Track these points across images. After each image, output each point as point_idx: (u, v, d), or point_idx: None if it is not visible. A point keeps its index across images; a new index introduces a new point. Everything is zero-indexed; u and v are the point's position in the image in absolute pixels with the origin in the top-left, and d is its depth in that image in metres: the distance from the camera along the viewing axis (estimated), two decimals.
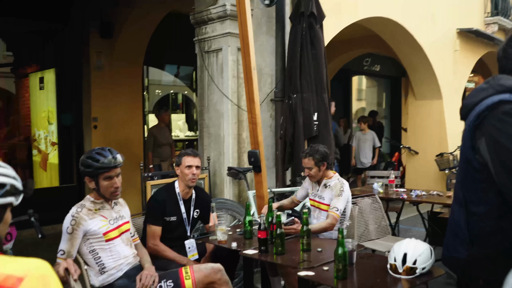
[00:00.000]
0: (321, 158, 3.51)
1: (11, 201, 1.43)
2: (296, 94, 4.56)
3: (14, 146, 7.97)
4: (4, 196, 1.40)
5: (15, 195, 1.45)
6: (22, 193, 1.49)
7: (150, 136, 6.56)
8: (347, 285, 2.27)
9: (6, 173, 1.44)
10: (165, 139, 6.64)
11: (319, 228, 3.35)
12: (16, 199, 1.46)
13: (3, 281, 1.33)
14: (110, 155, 2.69)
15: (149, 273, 2.71)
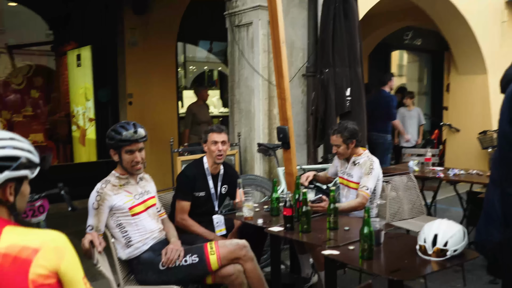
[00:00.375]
0: (349, 135, 3.40)
1: (26, 174, 1.45)
2: (328, 69, 4.42)
3: (56, 122, 8.21)
4: (18, 169, 1.41)
5: (30, 168, 1.46)
6: (38, 166, 1.50)
7: (189, 113, 6.52)
8: (372, 266, 2.20)
9: (20, 146, 1.45)
10: (204, 116, 6.59)
11: (348, 207, 3.27)
12: (31, 172, 1.47)
13: (19, 252, 1.35)
14: (132, 128, 2.69)
15: (175, 247, 2.73)
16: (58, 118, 8.22)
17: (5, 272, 1.33)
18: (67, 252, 1.41)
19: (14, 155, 1.41)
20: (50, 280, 1.36)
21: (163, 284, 2.68)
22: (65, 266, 1.38)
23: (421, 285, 3.69)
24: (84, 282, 1.43)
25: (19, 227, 1.45)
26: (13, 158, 1.41)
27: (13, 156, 1.41)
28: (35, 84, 7.67)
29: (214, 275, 2.73)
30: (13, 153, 1.41)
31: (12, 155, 1.41)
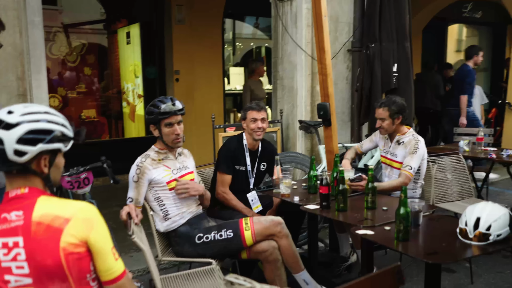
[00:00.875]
0: (397, 110, 3.27)
1: (59, 147, 1.49)
2: (375, 44, 4.25)
3: (108, 99, 8.50)
4: (52, 142, 1.46)
5: (64, 141, 1.50)
6: (71, 140, 1.55)
7: (246, 90, 6.39)
8: (408, 248, 2.12)
9: (54, 120, 1.49)
10: (261, 92, 6.51)
11: (390, 186, 3.18)
12: (64, 145, 1.51)
13: (52, 221, 1.41)
14: (170, 102, 2.72)
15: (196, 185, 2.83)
16: (110, 94, 8.50)
17: (39, 240, 1.39)
18: (96, 223, 1.45)
19: (48, 129, 1.46)
20: (80, 249, 1.41)
21: (199, 257, 2.74)
22: (94, 236, 1.43)
23: (466, 270, 3.55)
24: (113, 252, 1.47)
25: (53, 197, 1.51)
26: (47, 131, 1.45)
27: (47, 129, 1.45)
28: (88, 62, 7.95)
29: (248, 250, 2.75)
30: (47, 127, 1.46)
31: (46, 128, 1.45)
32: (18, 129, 1.40)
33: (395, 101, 3.31)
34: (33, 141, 1.42)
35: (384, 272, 1.49)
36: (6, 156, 1.40)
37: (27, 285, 1.40)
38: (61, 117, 1.54)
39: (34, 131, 1.42)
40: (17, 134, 1.40)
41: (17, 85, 3.16)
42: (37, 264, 1.39)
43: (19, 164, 1.42)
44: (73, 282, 1.42)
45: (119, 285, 1.47)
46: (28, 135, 1.41)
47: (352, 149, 3.71)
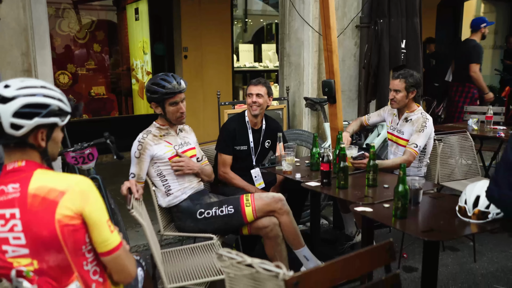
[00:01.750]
0: (414, 83, 3.25)
1: (56, 121, 1.50)
2: (383, 19, 4.16)
3: (117, 76, 8.51)
4: (48, 116, 1.47)
5: (61, 116, 1.51)
6: (68, 115, 1.56)
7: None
8: (405, 225, 2.12)
9: (51, 95, 1.50)
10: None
11: (393, 164, 3.16)
12: (61, 119, 1.52)
13: (47, 193, 1.43)
14: (174, 80, 2.71)
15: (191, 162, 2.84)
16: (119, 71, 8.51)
17: (34, 211, 1.42)
18: (91, 196, 1.48)
19: (44, 103, 1.47)
20: (75, 221, 1.44)
21: (200, 232, 2.78)
22: (89, 208, 1.45)
23: (470, 249, 3.54)
24: (108, 224, 1.49)
25: (49, 171, 1.53)
26: (43, 106, 1.46)
27: (44, 104, 1.46)
28: (98, 38, 7.93)
29: (249, 226, 2.77)
30: (44, 101, 1.47)
31: (42, 103, 1.46)
32: (14, 103, 1.42)
33: (412, 74, 3.28)
34: (29, 115, 1.43)
35: (377, 247, 1.49)
36: (3, 129, 1.42)
37: (24, 256, 1.44)
38: (58, 91, 1.55)
39: (30, 105, 1.43)
40: (13, 108, 1.41)
41: (22, 61, 3.18)
42: (33, 235, 1.42)
43: (16, 138, 1.44)
44: (69, 253, 1.45)
45: (114, 256, 1.50)
46: (24, 109, 1.42)
47: (357, 121, 3.69)
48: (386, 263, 1.53)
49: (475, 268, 3.34)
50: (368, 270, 1.48)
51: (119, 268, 1.52)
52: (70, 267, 1.48)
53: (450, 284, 3.11)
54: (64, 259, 1.46)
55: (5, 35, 3.12)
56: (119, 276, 1.53)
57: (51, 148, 1.55)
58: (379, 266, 1.52)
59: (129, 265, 1.55)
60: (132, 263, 1.57)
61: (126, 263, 1.53)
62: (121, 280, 1.56)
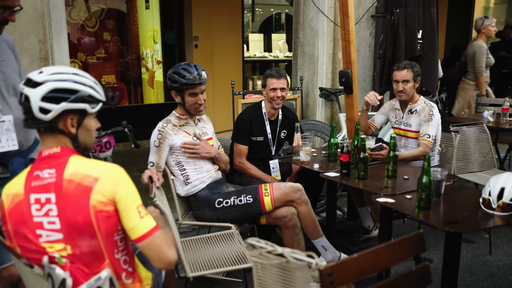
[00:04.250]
0: (418, 72, 3.25)
1: (84, 107, 1.50)
2: (400, 9, 4.12)
3: (127, 64, 8.50)
4: (76, 101, 1.47)
5: (90, 103, 1.51)
6: (100, 103, 1.55)
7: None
8: (428, 216, 2.11)
9: (81, 81, 1.50)
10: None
11: (410, 155, 3.14)
12: (91, 107, 1.52)
13: (82, 179, 1.45)
14: (195, 71, 2.70)
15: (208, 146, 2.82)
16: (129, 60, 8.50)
17: (70, 196, 1.43)
18: (122, 182, 1.48)
19: (73, 88, 1.47)
20: (108, 208, 1.45)
21: (218, 221, 2.78)
22: (120, 194, 1.46)
23: (485, 241, 3.54)
24: (138, 210, 1.48)
25: (83, 157, 1.54)
26: (71, 91, 1.47)
27: (72, 89, 1.47)
28: (108, 27, 7.91)
29: (268, 216, 2.78)
30: (72, 86, 1.47)
31: (71, 88, 1.47)
32: (43, 87, 1.44)
33: (415, 64, 3.28)
34: (57, 100, 1.44)
35: (406, 239, 1.49)
36: (33, 113, 1.44)
37: (58, 240, 1.45)
38: (91, 79, 1.55)
39: (58, 90, 1.45)
40: (41, 92, 1.43)
41: (39, 48, 3.17)
42: (68, 220, 1.43)
43: (46, 122, 1.46)
44: (102, 239, 1.46)
45: (146, 243, 1.48)
46: (52, 93, 1.44)
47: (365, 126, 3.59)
48: (416, 254, 1.52)
49: (490, 260, 3.34)
50: (399, 261, 1.47)
51: (155, 255, 1.49)
52: (102, 254, 1.49)
53: (466, 276, 3.11)
54: (97, 245, 1.47)
55: (22, 22, 3.11)
56: (156, 262, 1.50)
57: (83, 136, 1.55)
58: (409, 257, 1.52)
59: (166, 251, 1.50)
60: (171, 248, 1.52)
61: (162, 249, 1.49)
62: (160, 266, 1.52)
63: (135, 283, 1.62)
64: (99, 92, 1.55)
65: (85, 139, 1.57)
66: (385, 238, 2.52)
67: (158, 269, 1.63)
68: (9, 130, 1.96)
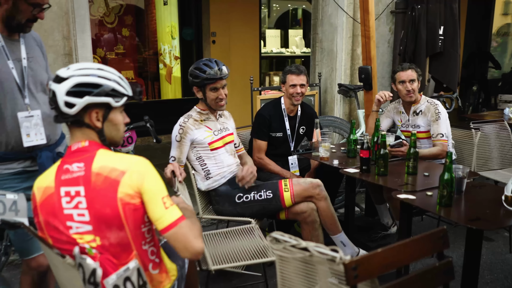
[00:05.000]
0: (420, 72, 3.28)
1: (108, 101, 1.53)
2: (421, 5, 4.08)
3: (145, 60, 8.57)
4: (99, 95, 1.51)
5: (114, 97, 1.54)
6: (124, 97, 1.59)
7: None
8: (450, 213, 2.11)
9: (105, 76, 1.54)
10: None
11: (429, 153, 3.13)
12: (115, 100, 1.54)
13: (109, 172, 1.48)
14: (216, 66, 2.73)
15: (250, 168, 2.79)
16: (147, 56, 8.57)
17: (98, 190, 1.47)
18: (148, 174, 1.51)
19: (96, 83, 1.51)
20: (135, 200, 1.48)
21: (238, 216, 2.81)
22: (146, 186, 1.49)
23: (505, 239, 3.51)
24: (163, 201, 1.50)
25: (110, 151, 1.57)
26: (95, 85, 1.51)
27: (95, 83, 1.51)
28: (126, 23, 7.98)
29: (287, 211, 2.80)
30: (96, 81, 1.51)
31: (94, 82, 1.51)
32: (68, 82, 1.49)
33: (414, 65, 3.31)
34: (80, 94, 1.48)
35: (430, 235, 1.50)
36: (59, 107, 1.49)
37: (87, 232, 1.49)
38: (116, 74, 1.59)
39: (82, 84, 1.49)
40: (66, 87, 1.48)
41: (63, 44, 3.24)
42: (96, 212, 1.47)
43: (72, 116, 1.51)
44: (129, 231, 1.50)
45: (171, 233, 1.49)
46: (76, 87, 1.48)
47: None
48: (440, 250, 1.53)
49: (510, 258, 3.31)
50: (423, 257, 1.49)
51: (181, 245, 1.50)
52: (130, 245, 1.53)
53: (485, 274, 3.09)
54: (125, 237, 1.50)
55: (47, 18, 3.17)
56: (183, 252, 1.51)
57: (109, 130, 1.58)
58: (433, 252, 1.53)
59: (192, 240, 1.50)
60: (197, 238, 1.53)
61: (188, 238, 1.50)
62: (187, 256, 1.54)
63: (162, 273, 1.66)
64: (124, 87, 1.58)
65: (111, 133, 1.60)
66: (405, 235, 2.53)
67: (185, 258, 1.66)
68: (38, 125, 2.01)
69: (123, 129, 1.65)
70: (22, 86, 1.97)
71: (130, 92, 1.61)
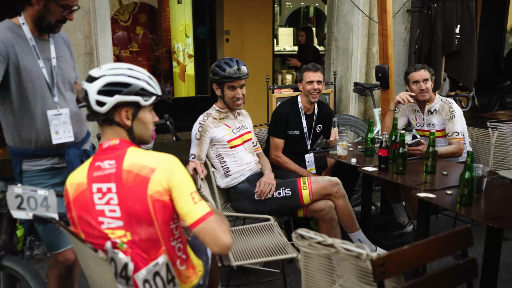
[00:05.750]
0: (433, 72, 3.29)
1: (137, 100, 1.57)
2: (437, 3, 4.08)
3: (158, 58, 8.64)
4: (128, 94, 1.55)
5: (143, 96, 1.58)
6: (153, 96, 1.62)
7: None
8: (470, 212, 2.12)
9: (135, 75, 1.58)
10: None
11: (446, 152, 3.14)
12: (144, 99, 1.58)
13: (140, 169, 1.53)
14: (236, 65, 2.76)
15: (267, 180, 2.85)
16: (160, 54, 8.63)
17: (129, 187, 1.51)
18: (176, 171, 1.55)
19: (126, 82, 1.55)
20: (164, 197, 1.52)
21: (257, 213, 2.85)
22: (174, 182, 1.52)
23: None
24: (192, 197, 1.53)
25: (140, 149, 1.62)
26: (124, 84, 1.55)
27: (125, 83, 1.55)
28: (140, 21, 8.06)
29: (305, 208, 2.83)
30: (126, 80, 1.55)
31: (124, 82, 1.55)
32: (99, 82, 1.53)
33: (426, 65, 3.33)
34: (111, 92, 1.53)
35: (454, 232, 1.52)
36: (91, 106, 1.54)
37: (118, 227, 1.54)
38: (146, 74, 1.63)
39: (112, 84, 1.54)
40: (97, 86, 1.53)
41: (85, 43, 3.29)
42: (127, 208, 1.52)
43: (103, 115, 1.55)
44: (159, 227, 1.54)
45: (200, 228, 1.52)
46: (107, 87, 1.53)
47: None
48: (464, 247, 1.55)
49: None
50: (447, 255, 1.51)
51: (210, 239, 1.52)
52: (159, 241, 1.57)
53: (503, 273, 3.10)
54: (154, 233, 1.55)
55: None
56: (212, 246, 1.54)
57: (139, 129, 1.62)
58: (457, 250, 1.55)
59: (221, 235, 1.53)
60: (225, 233, 1.55)
61: (217, 233, 1.52)
62: (216, 251, 1.56)
63: (189, 269, 1.70)
64: (153, 86, 1.62)
65: (141, 131, 1.63)
66: (423, 233, 2.55)
67: (214, 253, 1.70)
68: (66, 123, 2.06)
69: (152, 127, 1.68)
70: (51, 85, 2.02)
71: (159, 92, 1.65)
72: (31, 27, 1.97)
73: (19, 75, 1.93)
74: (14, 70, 1.91)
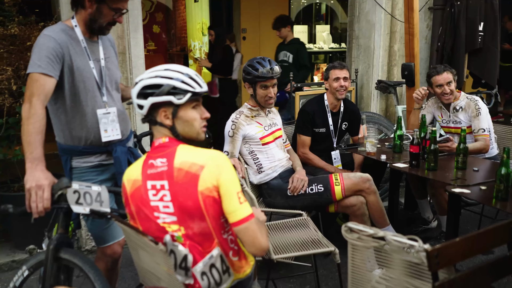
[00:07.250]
0: (455, 72, 3.31)
1: (169, 99, 1.59)
2: (460, 1, 4.11)
3: (173, 56, 8.71)
4: (160, 95, 1.59)
5: (175, 94, 1.59)
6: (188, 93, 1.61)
7: None
8: (506, 206, 2.18)
9: (168, 75, 1.61)
10: None
11: (473, 148, 3.18)
12: (176, 98, 1.59)
13: (190, 167, 1.58)
14: (268, 65, 2.82)
15: (300, 176, 2.91)
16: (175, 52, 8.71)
17: (180, 184, 1.57)
18: (225, 168, 1.59)
19: (158, 83, 1.59)
20: (213, 193, 1.57)
21: (290, 208, 2.92)
22: (222, 179, 1.57)
23: None
24: (238, 196, 1.58)
25: (190, 146, 1.67)
26: (156, 86, 1.59)
27: (157, 84, 1.59)
28: (157, 20, 8.14)
29: (337, 204, 2.89)
30: (157, 81, 1.59)
31: (156, 83, 1.59)
32: (137, 86, 1.61)
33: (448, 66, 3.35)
34: (145, 95, 1.59)
35: (502, 226, 1.58)
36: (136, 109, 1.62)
37: (173, 222, 1.60)
38: (183, 72, 1.62)
39: (146, 86, 1.60)
40: (136, 90, 1.61)
41: (117, 43, 3.35)
42: (180, 204, 1.58)
43: (146, 116, 1.63)
44: (210, 222, 1.60)
45: (243, 227, 1.57)
46: (143, 90, 1.60)
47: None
48: (510, 240, 1.61)
49: None
50: (495, 246, 1.57)
51: (249, 240, 1.57)
52: (212, 234, 1.62)
53: None
54: (206, 227, 1.60)
55: None
56: (250, 247, 1.59)
57: (182, 127, 1.64)
58: (504, 242, 1.60)
59: (260, 238, 1.57)
60: (264, 236, 1.61)
61: (257, 235, 1.57)
62: (253, 252, 1.62)
63: (241, 260, 1.76)
64: (188, 83, 1.61)
65: (184, 129, 1.65)
66: (453, 228, 2.61)
67: (250, 253, 1.73)
68: (114, 121, 2.14)
69: (199, 124, 1.67)
70: (101, 84, 2.09)
71: (197, 88, 1.62)
72: (83, 29, 2.04)
73: (72, 75, 2.00)
74: (68, 71, 1.99)
